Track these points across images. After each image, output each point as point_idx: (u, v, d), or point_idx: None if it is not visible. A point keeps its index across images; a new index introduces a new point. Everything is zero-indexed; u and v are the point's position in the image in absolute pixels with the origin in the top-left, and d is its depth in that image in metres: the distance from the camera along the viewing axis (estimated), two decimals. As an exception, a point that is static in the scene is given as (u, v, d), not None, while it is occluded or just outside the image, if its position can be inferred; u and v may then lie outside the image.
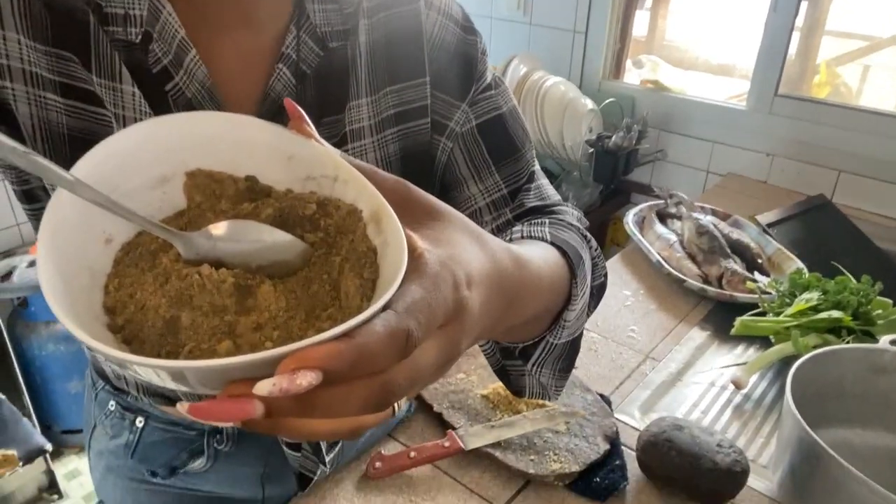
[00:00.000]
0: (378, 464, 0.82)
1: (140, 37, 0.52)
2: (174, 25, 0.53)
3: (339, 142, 0.61)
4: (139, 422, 0.75)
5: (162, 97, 0.54)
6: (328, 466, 0.78)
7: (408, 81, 0.64)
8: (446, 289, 0.34)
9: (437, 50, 0.64)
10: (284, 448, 0.76)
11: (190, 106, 0.55)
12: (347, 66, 0.60)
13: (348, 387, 0.30)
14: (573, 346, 0.60)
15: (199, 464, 0.76)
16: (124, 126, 0.50)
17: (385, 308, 0.31)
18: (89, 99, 0.53)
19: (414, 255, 0.34)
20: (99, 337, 0.31)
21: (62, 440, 2.23)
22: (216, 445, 0.75)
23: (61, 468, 2.16)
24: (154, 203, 0.40)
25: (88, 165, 0.36)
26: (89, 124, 0.54)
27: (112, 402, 0.77)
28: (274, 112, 0.57)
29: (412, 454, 0.83)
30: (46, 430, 2.18)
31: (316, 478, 0.78)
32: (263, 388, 0.28)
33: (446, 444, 0.85)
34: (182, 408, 0.30)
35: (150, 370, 0.30)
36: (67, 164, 0.35)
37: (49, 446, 1.91)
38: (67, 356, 2.10)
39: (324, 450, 0.76)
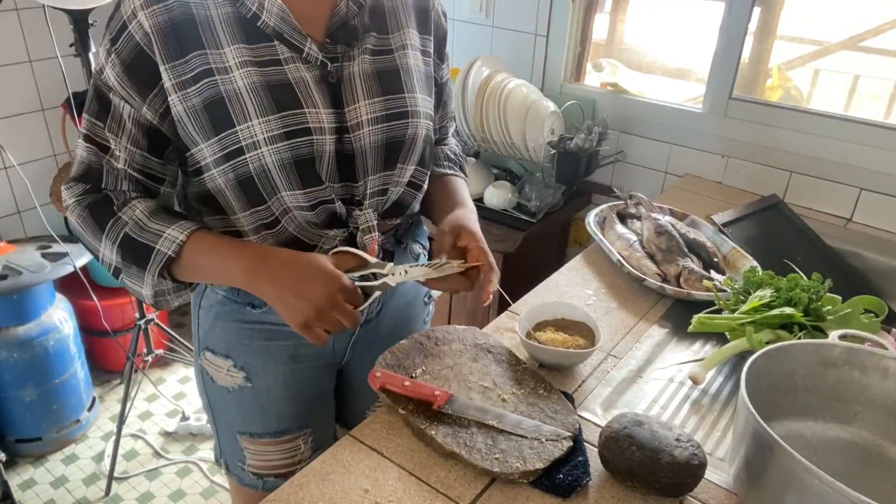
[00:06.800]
0: (378, 373, 0.96)
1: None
2: None
3: (390, 50, 0.96)
4: None
5: (259, 33, 0.86)
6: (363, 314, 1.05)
7: (422, 33, 1.02)
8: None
9: (436, 23, 1.05)
10: None
11: (275, 32, 0.86)
12: (395, 4, 0.97)
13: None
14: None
15: None
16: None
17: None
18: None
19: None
20: None
21: (16, 449, 2.16)
22: None
23: (16, 478, 2.10)
24: None
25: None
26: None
27: None
28: (337, 26, 0.91)
29: (406, 383, 0.94)
30: (-1, 440, 2.13)
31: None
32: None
33: (437, 392, 0.92)
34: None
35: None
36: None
37: (2, 455, 1.86)
38: (21, 364, 2.03)
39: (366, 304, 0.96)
